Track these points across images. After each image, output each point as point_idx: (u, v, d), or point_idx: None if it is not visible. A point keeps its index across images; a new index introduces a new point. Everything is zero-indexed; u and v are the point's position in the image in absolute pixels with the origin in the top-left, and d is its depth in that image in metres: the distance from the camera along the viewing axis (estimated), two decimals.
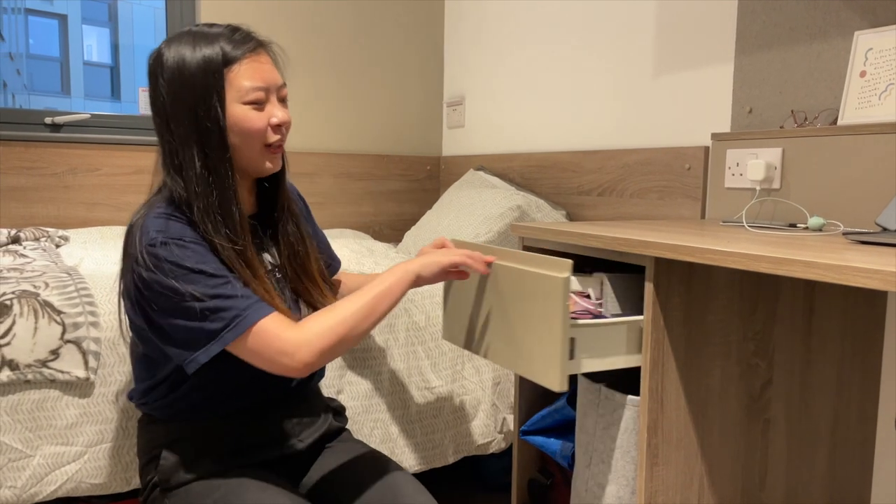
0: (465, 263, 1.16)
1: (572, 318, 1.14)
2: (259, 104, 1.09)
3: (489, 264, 1.17)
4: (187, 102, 1.05)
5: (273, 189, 1.21)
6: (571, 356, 1.09)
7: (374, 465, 1.19)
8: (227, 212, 1.07)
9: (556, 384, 1.05)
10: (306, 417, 1.21)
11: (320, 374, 1.30)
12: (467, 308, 1.25)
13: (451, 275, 1.19)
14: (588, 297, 1.27)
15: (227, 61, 1.07)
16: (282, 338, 1.00)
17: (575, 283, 1.29)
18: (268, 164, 1.13)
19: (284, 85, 1.14)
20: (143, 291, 1.02)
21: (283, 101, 1.14)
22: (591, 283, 1.28)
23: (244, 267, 1.07)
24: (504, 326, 1.15)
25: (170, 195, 1.08)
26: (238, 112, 1.07)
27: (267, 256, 1.20)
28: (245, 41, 1.10)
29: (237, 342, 1.01)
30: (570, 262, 1.03)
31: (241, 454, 1.13)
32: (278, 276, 1.20)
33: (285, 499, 1.06)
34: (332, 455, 1.23)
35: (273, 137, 1.11)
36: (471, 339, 1.25)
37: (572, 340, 1.08)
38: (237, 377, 1.10)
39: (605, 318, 1.19)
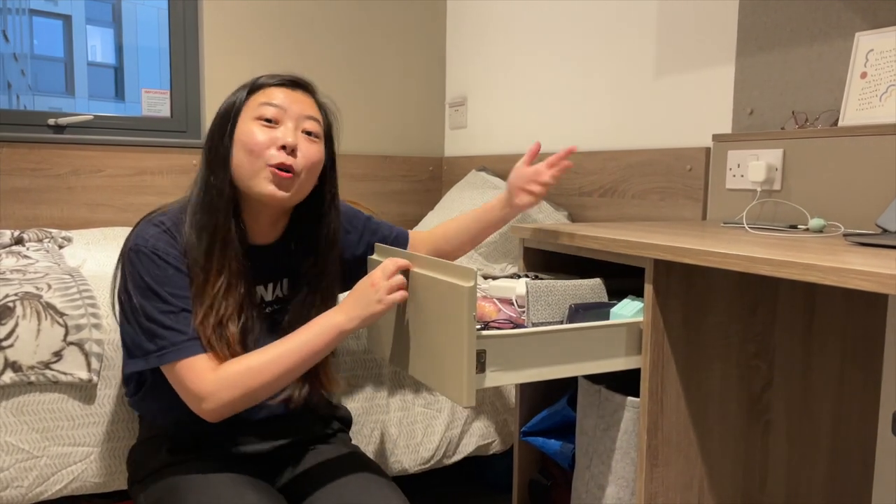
0: (403, 298, 1.08)
1: (495, 327, 1.10)
2: (270, 122, 1.09)
3: (408, 271, 1.09)
4: (213, 126, 1.11)
5: (306, 225, 1.18)
6: (482, 369, 1.02)
7: (354, 471, 1.15)
8: (206, 234, 1.07)
9: (463, 399, 0.98)
10: (292, 420, 1.20)
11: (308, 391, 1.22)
12: (390, 319, 1.16)
13: None
14: (512, 304, 1.21)
15: (255, 88, 1.11)
16: (197, 383, 1.03)
17: (502, 290, 1.25)
18: (269, 186, 1.07)
19: (313, 119, 1.13)
20: (118, 289, 1.09)
21: (308, 134, 1.11)
22: (518, 289, 1.21)
23: (190, 294, 1.06)
24: (420, 338, 1.08)
25: (184, 205, 1.12)
26: (246, 127, 1.09)
27: (261, 289, 1.17)
28: (282, 76, 1.13)
29: (164, 369, 1.06)
30: (474, 270, 0.96)
31: (208, 450, 1.13)
32: (273, 309, 1.17)
33: (251, 496, 1.05)
34: (313, 456, 1.21)
35: (275, 156, 1.06)
36: (394, 352, 1.16)
37: (483, 353, 1.01)
38: None
39: (525, 327, 1.12)
